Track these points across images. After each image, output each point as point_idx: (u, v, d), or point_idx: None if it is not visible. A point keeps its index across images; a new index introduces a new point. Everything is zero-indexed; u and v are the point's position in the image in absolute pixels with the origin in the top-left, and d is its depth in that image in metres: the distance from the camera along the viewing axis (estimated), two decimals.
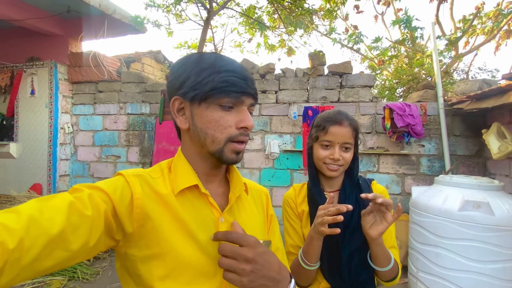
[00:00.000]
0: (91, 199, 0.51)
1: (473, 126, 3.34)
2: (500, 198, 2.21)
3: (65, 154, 4.40)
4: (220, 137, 0.60)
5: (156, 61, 6.96)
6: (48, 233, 0.44)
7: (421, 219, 2.50)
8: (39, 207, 0.46)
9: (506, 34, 5.06)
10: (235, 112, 0.61)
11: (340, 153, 0.97)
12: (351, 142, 0.99)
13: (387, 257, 0.92)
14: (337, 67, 3.76)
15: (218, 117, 0.59)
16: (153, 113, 4.26)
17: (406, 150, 3.51)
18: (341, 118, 1.00)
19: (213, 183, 0.68)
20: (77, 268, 2.89)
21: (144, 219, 0.56)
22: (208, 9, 3.66)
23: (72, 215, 0.47)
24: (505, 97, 2.44)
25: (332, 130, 0.98)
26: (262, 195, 0.78)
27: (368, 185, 1.05)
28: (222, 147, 0.61)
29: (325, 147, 1.00)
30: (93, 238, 0.50)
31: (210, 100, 0.59)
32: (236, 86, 0.59)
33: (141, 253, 0.56)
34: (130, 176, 0.59)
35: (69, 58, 4.40)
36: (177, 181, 0.61)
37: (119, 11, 4.02)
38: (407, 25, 4.76)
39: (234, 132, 0.61)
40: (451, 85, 4.47)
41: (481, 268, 2.13)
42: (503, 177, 2.97)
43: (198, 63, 0.61)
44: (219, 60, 0.61)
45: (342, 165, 0.99)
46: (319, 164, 1.02)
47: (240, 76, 0.60)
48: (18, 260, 0.41)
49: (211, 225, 0.62)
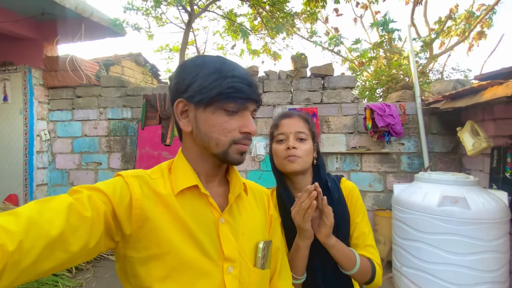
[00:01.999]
0: (91, 200, 0.51)
1: (449, 124, 3.49)
2: (475, 193, 2.33)
3: (42, 162, 4.23)
4: (224, 140, 0.61)
5: (136, 64, 6.82)
6: (48, 235, 0.44)
7: (403, 215, 2.58)
8: (39, 209, 0.46)
9: (478, 35, 5.33)
10: (238, 117, 0.62)
11: (294, 143, 0.95)
12: (305, 132, 0.97)
13: (350, 259, 0.88)
14: (319, 69, 3.83)
15: (222, 121, 0.61)
16: (135, 118, 4.17)
17: (387, 149, 3.62)
18: (290, 112, 1.03)
19: (213, 183, 0.68)
20: (58, 281, 2.78)
21: (143, 220, 0.56)
22: (189, 12, 3.64)
23: (71, 217, 0.47)
24: (478, 97, 2.57)
25: (283, 122, 0.99)
26: (263, 196, 0.79)
27: (337, 185, 1.01)
28: (227, 149, 0.62)
29: (280, 141, 0.98)
30: (93, 239, 0.50)
31: (216, 105, 0.60)
32: (242, 92, 0.60)
33: (140, 254, 0.56)
34: (129, 177, 0.59)
35: (44, 62, 4.23)
36: (177, 181, 0.62)
37: (97, 14, 3.91)
38: (385, 27, 4.93)
39: (237, 136, 0.62)
40: (427, 85, 4.66)
41: (460, 260, 2.23)
42: (478, 172, 3.13)
43: (204, 66, 0.61)
44: (225, 64, 0.62)
45: (300, 156, 0.94)
46: (279, 163, 0.97)
47: (246, 82, 0.61)
48: (18, 263, 0.41)
49: (211, 225, 0.62)
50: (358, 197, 1.00)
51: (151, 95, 3.16)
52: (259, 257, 0.66)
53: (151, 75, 7.21)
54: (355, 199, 0.99)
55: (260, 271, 0.66)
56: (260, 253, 0.67)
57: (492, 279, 2.21)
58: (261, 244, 0.67)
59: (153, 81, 7.32)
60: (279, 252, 0.75)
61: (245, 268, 0.64)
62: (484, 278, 2.20)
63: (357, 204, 0.99)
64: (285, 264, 0.78)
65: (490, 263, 2.21)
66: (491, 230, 2.22)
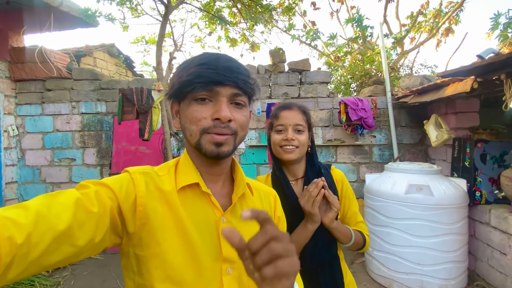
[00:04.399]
0: (98, 195, 0.52)
1: (416, 117, 3.73)
2: (438, 181, 2.53)
3: (10, 159, 4.02)
4: (195, 129, 0.59)
5: (109, 55, 6.55)
6: (56, 229, 0.44)
7: (373, 203, 2.76)
8: (47, 203, 0.46)
9: (446, 31, 5.63)
10: (211, 105, 0.59)
11: (293, 135, 1.04)
12: (303, 124, 1.07)
13: (347, 235, 1.05)
14: (297, 64, 3.92)
15: (193, 111, 0.59)
16: (110, 112, 4.06)
17: (360, 141, 3.81)
18: (290, 104, 1.11)
19: (217, 183, 0.67)
20: (34, 280, 2.71)
21: (146, 218, 0.56)
22: (166, 4, 3.57)
23: (78, 212, 0.48)
24: (441, 92, 2.77)
25: (283, 114, 1.08)
26: (270, 197, 0.77)
27: (328, 171, 1.14)
28: (199, 139, 0.60)
29: (279, 132, 1.07)
30: (99, 234, 0.50)
31: (189, 97, 0.60)
32: (203, 77, 0.57)
33: (142, 252, 0.56)
34: (136, 174, 0.59)
35: (10, 53, 3.99)
36: (179, 178, 0.62)
37: (67, 3, 3.72)
38: (359, 24, 5.09)
39: (208, 124, 0.59)
40: (397, 80, 4.90)
41: (425, 243, 2.44)
42: (441, 162, 3.38)
43: (181, 65, 0.63)
44: (198, 57, 0.61)
45: (297, 147, 1.05)
46: (276, 150, 1.08)
47: (211, 67, 0.58)
48: (26, 255, 0.41)
49: (212, 225, 0.61)
50: (347, 183, 1.15)
51: (128, 89, 3.10)
52: None
53: (125, 67, 6.96)
54: (345, 185, 1.14)
55: None
56: None
57: (453, 258, 2.44)
58: None
59: (128, 73, 7.08)
60: None
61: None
62: (446, 258, 2.42)
63: (348, 189, 1.14)
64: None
65: (451, 244, 2.43)
66: (451, 215, 2.43)
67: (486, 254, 2.58)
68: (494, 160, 2.72)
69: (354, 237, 1.07)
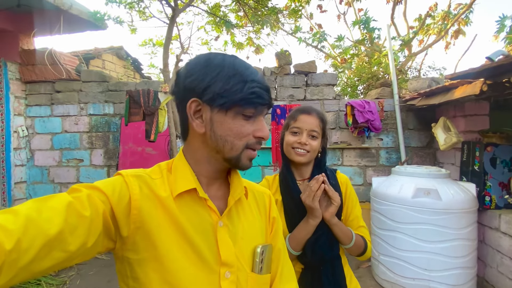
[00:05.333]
0: (90, 199, 0.51)
1: (424, 120, 3.67)
2: (446, 185, 2.49)
3: (20, 159, 4.09)
4: (239, 144, 0.61)
5: (118, 57, 6.64)
6: (46, 234, 0.43)
7: (380, 207, 2.72)
8: (37, 208, 0.45)
9: (455, 33, 5.55)
10: (253, 121, 0.62)
11: (307, 139, 1.07)
12: (318, 131, 1.09)
13: (348, 235, 1.05)
14: (303, 66, 3.91)
15: (239, 126, 0.60)
16: (118, 113, 4.11)
17: (366, 144, 3.77)
18: (310, 109, 1.13)
19: (213, 186, 0.67)
20: (41, 280, 2.74)
21: (141, 221, 0.56)
22: (173, 7, 3.60)
23: (70, 216, 0.47)
24: (449, 95, 2.73)
25: (301, 117, 1.10)
26: (265, 197, 0.77)
27: (334, 174, 1.17)
28: (240, 154, 0.62)
29: (294, 133, 1.09)
30: (91, 239, 0.49)
31: (236, 109, 0.59)
32: (262, 98, 0.60)
33: (138, 256, 0.56)
34: (129, 177, 0.58)
35: (21, 55, 4.07)
36: (176, 183, 0.61)
37: (77, 6, 3.79)
38: (366, 26, 5.06)
39: (251, 140, 0.62)
40: (405, 82, 4.84)
41: (432, 248, 2.39)
42: (450, 165, 3.32)
43: (223, 67, 0.59)
44: (243, 67, 0.61)
45: (309, 151, 1.07)
46: (287, 150, 1.11)
47: (264, 88, 0.61)
48: (15, 261, 0.40)
49: (209, 229, 0.61)
50: (351, 187, 1.17)
51: (135, 91, 3.13)
52: (256, 262, 0.65)
53: (133, 69, 7.05)
54: (349, 189, 1.16)
55: (258, 276, 0.64)
56: (257, 257, 0.65)
57: (461, 264, 2.39)
58: (258, 248, 0.66)
59: (135, 75, 7.16)
60: (280, 253, 0.73)
61: (243, 273, 0.62)
62: (454, 264, 2.37)
63: (351, 193, 1.15)
64: (287, 265, 0.75)
65: (459, 250, 2.38)
66: (460, 219, 2.38)
67: (496, 260, 2.52)
68: (504, 164, 2.66)
69: (355, 239, 1.07)
